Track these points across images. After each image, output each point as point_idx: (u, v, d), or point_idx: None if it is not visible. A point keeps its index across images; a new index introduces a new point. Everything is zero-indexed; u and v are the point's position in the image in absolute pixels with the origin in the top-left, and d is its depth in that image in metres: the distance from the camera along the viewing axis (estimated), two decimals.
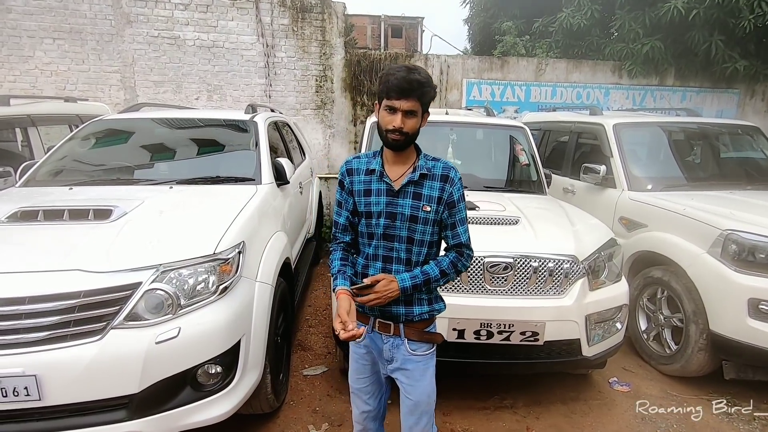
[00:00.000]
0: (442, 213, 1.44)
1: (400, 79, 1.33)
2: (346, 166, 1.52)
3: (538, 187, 3.48)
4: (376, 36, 23.97)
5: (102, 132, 3.12)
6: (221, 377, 1.83)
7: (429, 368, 1.52)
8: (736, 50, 6.14)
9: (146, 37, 5.72)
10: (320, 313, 3.87)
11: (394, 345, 1.49)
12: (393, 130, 1.36)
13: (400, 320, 1.47)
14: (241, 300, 1.96)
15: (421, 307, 1.48)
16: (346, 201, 1.52)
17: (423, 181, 1.43)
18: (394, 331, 1.48)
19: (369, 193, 1.46)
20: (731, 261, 2.61)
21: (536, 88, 6.52)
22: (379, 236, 1.45)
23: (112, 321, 1.63)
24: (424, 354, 1.50)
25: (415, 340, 1.48)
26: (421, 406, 1.52)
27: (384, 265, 1.46)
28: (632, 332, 3.19)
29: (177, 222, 2.08)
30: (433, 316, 1.52)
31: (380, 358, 1.54)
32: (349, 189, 1.51)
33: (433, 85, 1.39)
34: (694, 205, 2.99)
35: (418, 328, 1.49)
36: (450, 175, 1.44)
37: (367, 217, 1.47)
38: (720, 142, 4.08)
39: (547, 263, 2.30)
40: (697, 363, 2.77)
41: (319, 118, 6.29)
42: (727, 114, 6.76)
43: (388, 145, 1.42)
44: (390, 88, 1.35)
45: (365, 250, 1.49)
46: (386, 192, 1.44)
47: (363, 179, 1.48)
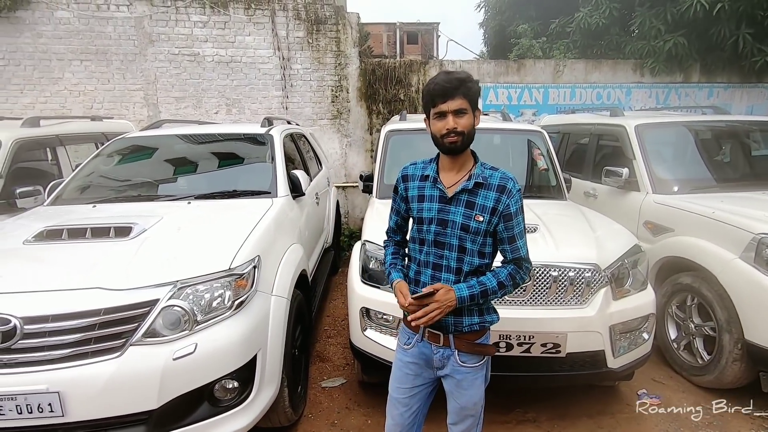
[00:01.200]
0: (497, 225, 1.42)
1: (441, 81, 1.34)
2: (402, 173, 1.55)
3: (558, 193, 3.39)
4: (392, 43, 24.08)
5: (124, 150, 3.22)
6: (238, 392, 1.84)
7: (478, 378, 1.50)
8: (766, 43, 5.88)
9: (167, 55, 5.90)
10: (339, 323, 3.87)
11: (444, 355, 1.48)
12: (448, 133, 1.36)
13: (450, 330, 1.45)
14: (257, 314, 1.97)
15: (471, 317, 1.45)
16: (399, 206, 1.57)
17: (478, 190, 1.41)
18: (443, 342, 1.46)
19: (422, 199, 1.47)
20: (766, 266, 2.48)
21: (554, 90, 6.40)
22: (430, 243, 1.44)
23: (130, 338, 1.66)
24: (474, 366, 1.48)
25: (466, 352, 1.46)
26: (467, 411, 1.51)
27: (434, 273, 1.45)
28: (661, 341, 3.06)
29: (194, 238, 2.12)
30: (484, 327, 1.50)
31: (428, 365, 1.52)
32: (402, 195, 1.54)
33: (475, 80, 1.39)
34: (724, 208, 2.85)
35: (469, 340, 1.46)
36: (508, 186, 1.41)
37: (419, 223, 1.48)
38: (751, 139, 3.90)
39: (568, 272, 2.23)
40: (732, 374, 2.63)
41: (336, 127, 6.34)
42: (758, 110, 6.47)
43: (446, 151, 1.42)
44: (434, 95, 1.36)
45: (417, 256, 1.50)
46: (439, 198, 1.44)
47: (418, 185, 1.49)
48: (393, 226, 1.62)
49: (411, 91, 6.36)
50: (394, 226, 1.62)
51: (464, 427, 1.53)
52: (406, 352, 1.54)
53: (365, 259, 2.52)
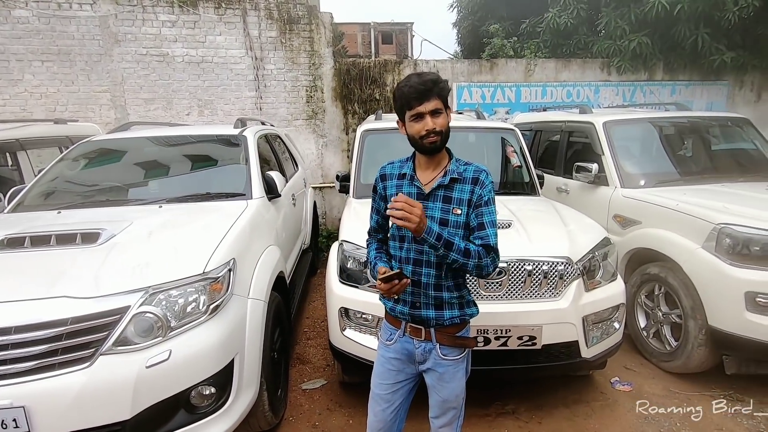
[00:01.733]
0: (471, 215, 1.44)
1: (414, 84, 1.36)
2: (380, 172, 1.58)
3: (531, 189, 3.47)
4: (367, 43, 24.07)
5: (91, 153, 3.11)
6: (215, 398, 1.81)
7: (459, 371, 1.52)
8: (723, 42, 6.17)
9: (135, 55, 5.73)
10: (318, 324, 3.84)
11: (426, 349, 1.50)
12: (427, 134, 1.38)
13: (431, 325, 1.47)
14: (233, 318, 1.94)
15: (452, 311, 1.48)
16: (378, 205, 1.59)
17: (453, 185, 1.44)
18: (425, 336, 1.48)
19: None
20: (726, 255, 2.60)
21: (526, 89, 6.54)
22: (410, 239, 1.46)
23: (100, 347, 1.60)
24: (455, 359, 1.50)
25: (447, 345, 1.48)
26: (449, 403, 1.53)
27: (414, 268, 1.47)
28: (632, 330, 3.17)
29: (165, 242, 2.06)
30: (464, 320, 1.52)
31: (410, 360, 1.54)
32: (381, 194, 1.57)
33: (444, 80, 1.42)
34: (687, 200, 2.98)
35: (450, 333, 1.49)
36: (480, 178, 1.44)
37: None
38: (710, 134, 4.08)
39: (542, 266, 2.29)
40: (698, 359, 2.75)
41: (311, 128, 6.29)
42: (717, 106, 6.78)
43: (426, 151, 1.44)
44: (409, 98, 1.38)
45: (398, 253, 1.51)
46: (416, 196, 1.46)
47: (396, 183, 1.52)
48: (374, 225, 1.65)
49: (386, 90, 6.37)
50: (375, 226, 1.64)
51: (446, 420, 1.55)
52: (388, 348, 1.56)
53: (343, 259, 2.51)
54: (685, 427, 2.44)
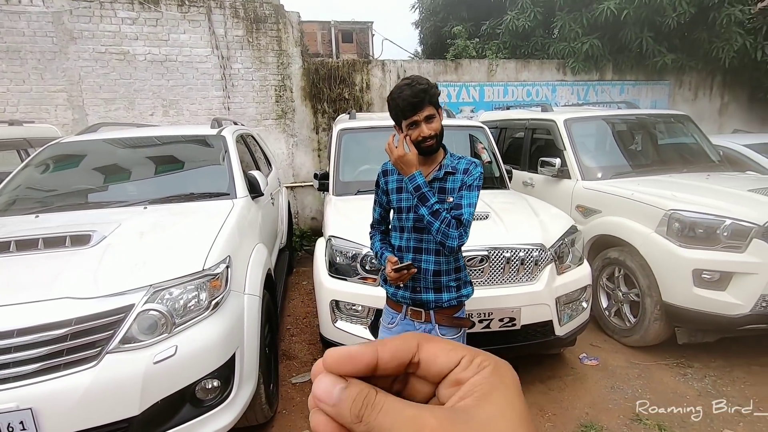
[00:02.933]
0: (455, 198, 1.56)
1: (407, 97, 1.49)
2: (383, 168, 1.71)
3: (501, 183, 3.69)
4: (327, 41, 23.92)
5: (62, 155, 3.01)
6: (219, 391, 1.86)
7: None
8: (664, 45, 6.73)
9: (93, 53, 5.49)
10: (300, 321, 3.90)
11: (426, 330, 1.63)
12: (424, 139, 1.52)
13: (431, 307, 1.61)
14: (233, 313, 1.99)
15: (450, 293, 1.62)
16: (381, 199, 1.71)
17: (447, 177, 1.58)
18: (425, 317, 1.62)
19: (401, 191, 1.62)
20: (676, 237, 2.91)
21: (489, 88, 6.83)
22: (409, 229, 1.59)
23: (106, 346, 1.62)
24: (453, 338, 1.64)
25: (445, 326, 1.62)
26: None
27: (414, 256, 1.60)
28: (596, 310, 3.46)
29: (160, 242, 2.07)
30: (461, 301, 1.66)
31: None
32: (384, 188, 1.69)
33: (434, 84, 1.55)
34: (640, 190, 3.29)
35: (448, 314, 1.63)
36: (470, 168, 1.58)
37: (399, 212, 1.63)
38: (657, 130, 4.48)
39: (519, 253, 2.48)
40: (654, 332, 3.06)
41: (281, 127, 6.28)
42: (660, 104, 7.37)
43: (424, 153, 1.57)
44: (404, 109, 1.51)
45: (399, 242, 1.64)
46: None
47: (396, 178, 1.64)
48: (377, 217, 1.77)
49: (355, 90, 6.47)
50: (378, 218, 1.77)
51: None
52: (390, 331, 1.68)
53: (332, 254, 2.60)
54: (646, 389, 2.72)
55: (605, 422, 2.45)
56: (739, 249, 2.74)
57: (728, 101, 7.74)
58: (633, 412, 2.51)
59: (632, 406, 2.57)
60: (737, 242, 2.75)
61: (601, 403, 2.62)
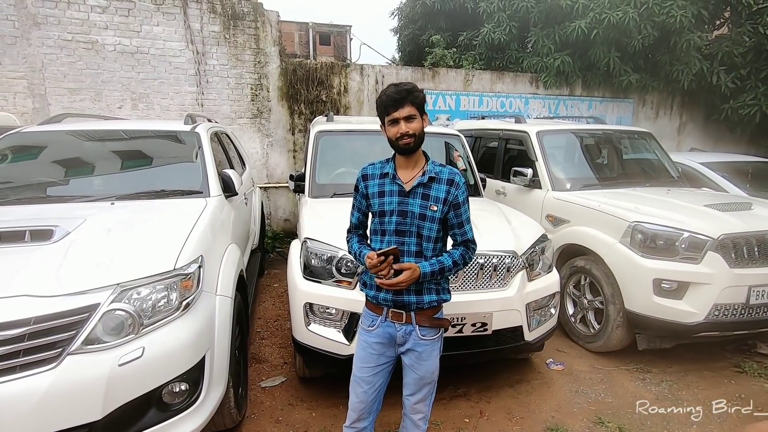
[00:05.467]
0: (447, 213, 1.63)
1: (391, 94, 1.54)
2: (362, 172, 1.72)
3: (476, 191, 3.76)
4: (304, 42, 23.76)
5: (22, 146, 2.85)
6: (187, 395, 1.80)
7: (435, 349, 1.70)
8: (630, 65, 7.08)
9: (57, 40, 5.24)
10: (271, 324, 3.83)
11: (407, 332, 1.65)
12: (402, 136, 1.55)
13: (411, 308, 1.63)
14: (204, 315, 1.93)
15: (431, 296, 1.65)
16: (360, 203, 1.73)
17: (431, 183, 1.61)
18: (406, 319, 1.64)
19: (383, 194, 1.64)
20: (638, 248, 3.05)
21: (465, 98, 6.97)
22: (391, 232, 1.61)
23: (68, 347, 1.54)
24: (432, 338, 1.68)
25: (425, 326, 1.65)
26: (425, 380, 1.70)
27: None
28: (562, 317, 3.57)
29: (129, 239, 1.99)
30: (440, 303, 1.70)
31: (391, 344, 1.69)
32: (363, 192, 1.70)
33: (420, 89, 1.59)
34: (606, 202, 3.43)
35: (428, 315, 1.66)
36: (455, 180, 1.63)
37: (381, 216, 1.64)
38: (622, 145, 4.70)
39: (492, 259, 2.53)
40: (617, 338, 3.19)
41: (256, 127, 6.18)
42: (624, 120, 7.73)
43: (401, 152, 1.60)
44: (386, 105, 1.56)
45: (377, 246, 1.64)
46: (398, 193, 1.62)
47: (377, 182, 1.66)
48: (355, 222, 1.78)
49: (333, 92, 6.45)
50: (356, 222, 1.78)
51: (421, 396, 1.71)
52: (371, 333, 1.68)
53: (307, 256, 2.57)
54: (608, 392, 2.83)
55: (570, 425, 2.53)
56: (695, 260, 2.91)
57: (686, 121, 8.21)
58: (595, 416, 2.60)
59: (595, 410, 2.67)
60: (693, 254, 2.91)
61: (566, 407, 2.71)
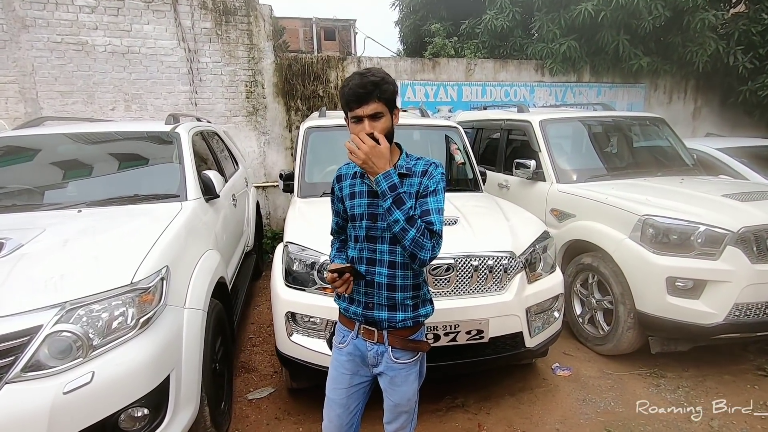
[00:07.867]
0: (416, 205, 1.36)
1: (354, 87, 1.30)
2: (337, 173, 1.53)
3: (474, 185, 3.56)
4: (309, 39, 23.61)
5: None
6: (149, 420, 1.65)
7: (411, 374, 1.49)
8: (640, 48, 6.72)
9: (47, 43, 5.15)
10: (264, 329, 3.69)
11: (378, 352, 1.45)
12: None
13: (383, 327, 1.43)
14: (168, 331, 1.78)
15: (405, 312, 1.43)
16: (337, 207, 1.54)
17: (403, 179, 1.38)
18: (377, 338, 1.44)
19: (353, 196, 1.45)
20: (649, 244, 2.82)
21: (467, 88, 6.71)
22: (362, 238, 1.42)
23: (5, 374, 1.40)
24: (407, 362, 1.47)
25: (399, 348, 1.45)
26: (401, 407, 1.51)
27: (368, 268, 1.42)
28: (569, 317, 3.36)
29: (85, 251, 1.85)
30: (418, 321, 1.48)
31: (364, 363, 1.50)
32: (338, 196, 1.51)
33: (391, 80, 1.35)
34: (615, 194, 3.20)
35: (402, 335, 1.45)
36: (429, 170, 1.40)
37: (353, 220, 1.46)
38: (632, 133, 4.43)
39: (487, 261, 2.34)
40: (628, 341, 2.96)
41: (252, 125, 6.03)
42: (636, 106, 7.39)
43: None
44: (348, 99, 1.32)
45: (353, 253, 1.46)
46: (368, 193, 1.42)
47: (349, 183, 1.47)
48: (335, 227, 1.60)
49: (330, 87, 6.27)
50: (335, 228, 1.60)
51: (398, 425, 1.53)
52: (341, 351, 1.51)
53: (288, 261, 2.41)
54: (621, 407, 2.62)
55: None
56: (713, 256, 2.67)
57: (701, 105, 7.82)
58: (604, 428, 2.40)
59: (604, 421, 2.46)
60: (711, 249, 2.67)
61: (573, 417, 2.51)
